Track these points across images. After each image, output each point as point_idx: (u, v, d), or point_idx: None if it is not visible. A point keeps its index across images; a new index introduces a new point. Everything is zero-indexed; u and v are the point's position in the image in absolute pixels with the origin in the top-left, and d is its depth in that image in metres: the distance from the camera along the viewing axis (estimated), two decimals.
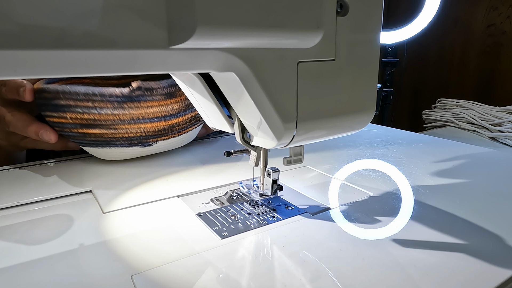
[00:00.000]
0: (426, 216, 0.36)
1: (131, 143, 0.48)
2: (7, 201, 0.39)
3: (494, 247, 0.30)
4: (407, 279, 0.26)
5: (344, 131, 0.33)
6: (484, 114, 1.00)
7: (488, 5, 1.36)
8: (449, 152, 0.57)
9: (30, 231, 0.34)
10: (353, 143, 0.61)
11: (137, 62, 0.22)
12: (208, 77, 0.30)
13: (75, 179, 0.46)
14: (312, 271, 0.27)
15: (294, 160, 0.35)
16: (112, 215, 0.36)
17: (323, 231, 0.33)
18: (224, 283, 0.26)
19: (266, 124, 0.28)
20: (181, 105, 0.49)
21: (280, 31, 0.24)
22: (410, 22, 1.19)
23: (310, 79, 0.28)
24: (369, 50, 0.31)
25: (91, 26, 0.19)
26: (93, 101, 0.44)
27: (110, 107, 0.45)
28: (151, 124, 0.48)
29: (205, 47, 0.23)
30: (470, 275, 0.26)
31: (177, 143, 0.54)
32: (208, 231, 0.33)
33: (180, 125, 0.51)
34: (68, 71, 0.20)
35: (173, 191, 0.42)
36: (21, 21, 0.17)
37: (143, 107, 0.46)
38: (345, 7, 0.28)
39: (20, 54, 0.18)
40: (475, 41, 1.42)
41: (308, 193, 0.41)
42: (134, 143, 0.49)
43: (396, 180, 0.45)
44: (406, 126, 1.70)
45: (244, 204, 0.38)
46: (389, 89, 1.36)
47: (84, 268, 0.28)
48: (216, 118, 0.33)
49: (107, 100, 0.44)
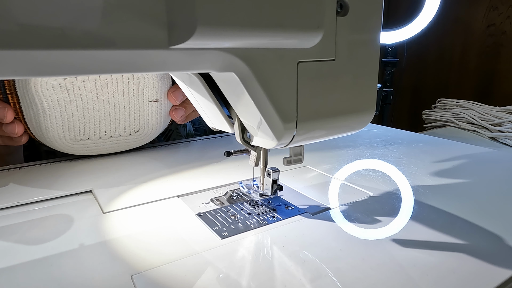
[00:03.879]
0: (426, 216, 0.36)
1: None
2: (7, 201, 0.39)
3: (494, 247, 0.30)
4: (407, 279, 0.26)
5: (344, 131, 0.33)
6: (484, 114, 1.00)
7: (488, 5, 1.36)
8: (449, 152, 0.57)
9: (30, 231, 0.34)
10: (353, 143, 0.61)
11: (137, 62, 0.22)
12: (208, 77, 0.30)
13: (75, 179, 0.46)
14: (312, 271, 0.27)
15: (294, 160, 0.35)
16: (112, 215, 0.36)
17: (323, 231, 0.33)
18: (224, 283, 0.26)
19: (266, 124, 0.28)
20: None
21: (280, 31, 0.24)
22: (410, 22, 1.19)
23: (310, 79, 0.28)
24: (369, 50, 0.31)
25: (91, 26, 0.19)
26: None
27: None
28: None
29: (205, 47, 0.23)
30: (470, 275, 0.26)
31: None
32: (208, 231, 0.33)
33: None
34: (68, 71, 0.20)
35: (173, 191, 0.42)
36: (21, 21, 0.17)
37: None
38: (345, 7, 0.28)
39: (20, 54, 0.18)
40: (475, 41, 1.42)
41: (308, 193, 0.41)
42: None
43: (396, 180, 0.45)
44: (406, 126, 1.70)
45: (244, 204, 0.38)
46: (389, 89, 1.36)
47: (84, 268, 0.28)
48: (216, 118, 0.33)
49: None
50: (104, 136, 0.52)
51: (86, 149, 0.52)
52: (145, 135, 0.55)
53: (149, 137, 0.56)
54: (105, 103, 0.50)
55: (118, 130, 0.53)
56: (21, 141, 0.49)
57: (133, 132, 0.54)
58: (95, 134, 0.51)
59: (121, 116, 0.52)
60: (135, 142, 0.55)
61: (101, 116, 0.50)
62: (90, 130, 0.51)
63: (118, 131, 0.53)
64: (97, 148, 0.53)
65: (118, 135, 0.53)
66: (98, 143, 0.52)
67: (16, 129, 0.47)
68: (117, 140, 0.53)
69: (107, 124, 0.51)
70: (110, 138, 0.53)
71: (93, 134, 0.51)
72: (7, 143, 0.50)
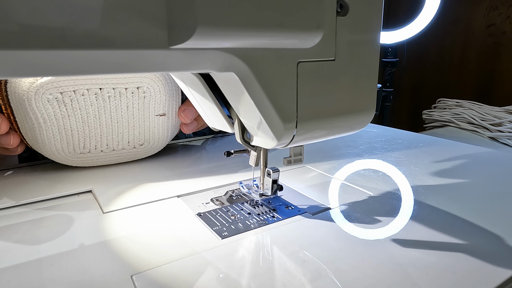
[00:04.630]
0: (426, 216, 0.36)
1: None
2: (7, 201, 0.39)
3: (494, 247, 0.30)
4: (407, 279, 0.26)
5: (344, 131, 0.33)
6: (484, 114, 1.00)
7: (488, 5, 1.36)
8: (449, 152, 0.57)
9: (30, 231, 0.34)
10: (353, 143, 0.61)
11: (137, 62, 0.22)
12: (208, 77, 0.30)
13: (75, 179, 0.46)
14: (312, 271, 0.27)
15: (294, 160, 0.35)
16: (112, 215, 0.36)
17: (323, 231, 0.33)
18: (224, 283, 0.26)
19: (266, 124, 0.28)
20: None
21: (280, 31, 0.24)
22: (410, 22, 1.20)
23: (310, 79, 0.28)
24: (369, 50, 0.31)
25: (91, 26, 0.19)
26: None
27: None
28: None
29: (205, 47, 0.23)
30: (470, 275, 0.26)
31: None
32: (208, 231, 0.33)
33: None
34: (68, 71, 0.20)
35: (173, 191, 0.42)
36: (21, 21, 0.17)
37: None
38: (345, 7, 0.28)
39: (20, 54, 0.18)
40: (475, 41, 1.42)
41: (308, 193, 0.41)
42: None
43: (396, 180, 0.45)
44: (406, 126, 1.70)
45: (244, 204, 0.38)
46: (389, 89, 1.36)
47: (84, 268, 0.28)
48: (216, 118, 0.33)
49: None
50: (106, 149, 0.49)
51: (86, 162, 0.49)
52: (150, 148, 0.52)
53: (155, 150, 0.53)
54: (107, 117, 0.47)
55: (121, 144, 0.50)
56: (17, 151, 0.48)
57: (137, 145, 0.51)
58: (96, 147, 0.48)
59: (125, 130, 0.49)
60: (139, 155, 0.53)
61: (103, 130, 0.48)
62: (90, 144, 0.48)
63: (122, 144, 0.50)
64: (98, 161, 0.50)
65: (121, 148, 0.50)
66: (99, 156, 0.50)
67: (11, 140, 0.45)
68: (120, 153, 0.51)
69: (109, 137, 0.49)
70: (112, 152, 0.50)
71: (94, 148, 0.48)
72: (2, 153, 0.48)
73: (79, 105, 0.45)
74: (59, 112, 0.44)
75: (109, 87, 0.46)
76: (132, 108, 0.48)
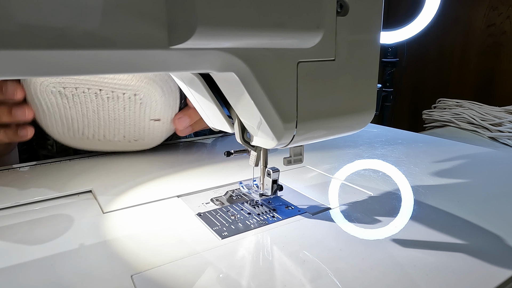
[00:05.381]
0: (426, 216, 0.36)
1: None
2: (7, 201, 0.39)
3: (494, 247, 0.30)
4: (407, 279, 0.26)
5: (344, 131, 0.33)
6: (484, 114, 1.00)
7: (488, 5, 1.36)
8: (449, 152, 0.57)
9: (30, 231, 0.34)
10: (353, 143, 0.61)
11: (137, 62, 0.22)
12: (208, 77, 0.30)
13: (75, 179, 0.46)
14: (312, 271, 0.27)
15: (294, 160, 0.35)
16: (112, 215, 0.36)
17: (323, 231, 0.33)
18: (224, 283, 0.26)
19: (266, 124, 0.28)
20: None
21: (280, 31, 0.24)
22: (410, 22, 1.20)
23: (310, 79, 0.28)
24: (369, 50, 0.31)
25: (91, 26, 0.19)
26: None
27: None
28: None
29: (205, 47, 0.23)
30: (470, 275, 0.26)
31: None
32: (208, 231, 0.33)
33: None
34: (68, 71, 0.20)
35: (173, 191, 0.42)
36: (21, 21, 0.17)
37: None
38: (345, 7, 0.28)
39: (20, 54, 0.18)
40: (475, 41, 1.42)
41: (308, 193, 0.41)
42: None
43: (396, 180, 0.45)
44: (406, 126, 1.70)
45: (244, 204, 0.38)
46: (389, 89, 1.36)
47: (84, 268, 0.28)
48: (216, 118, 0.33)
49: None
50: (103, 139, 0.52)
51: (85, 145, 0.53)
52: (145, 144, 0.55)
53: (149, 146, 0.56)
54: (104, 113, 0.50)
55: (117, 137, 0.53)
56: (27, 135, 0.48)
57: (132, 140, 0.54)
58: (93, 136, 0.52)
59: (121, 126, 0.52)
60: (134, 148, 0.55)
61: (100, 123, 0.51)
62: (89, 132, 0.51)
63: (118, 137, 0.53)
64: (96, 147, 0.53)
65: (117, 140, 0.53)
66: (97, 144, 0.53)
67: (26, 112, 0.47)
68: (116, 144, 0.54)
69: (106, 130, 0.52)
70: (109, 142, 0.53)
71: (92, 136, 0.52)
72: (12, 139, 0.48)
73: (79, 100, 0.48)
74: (61, 103, 0.48)
75: (108, 90, 0.48)
76: (129, 110, 0.51)
